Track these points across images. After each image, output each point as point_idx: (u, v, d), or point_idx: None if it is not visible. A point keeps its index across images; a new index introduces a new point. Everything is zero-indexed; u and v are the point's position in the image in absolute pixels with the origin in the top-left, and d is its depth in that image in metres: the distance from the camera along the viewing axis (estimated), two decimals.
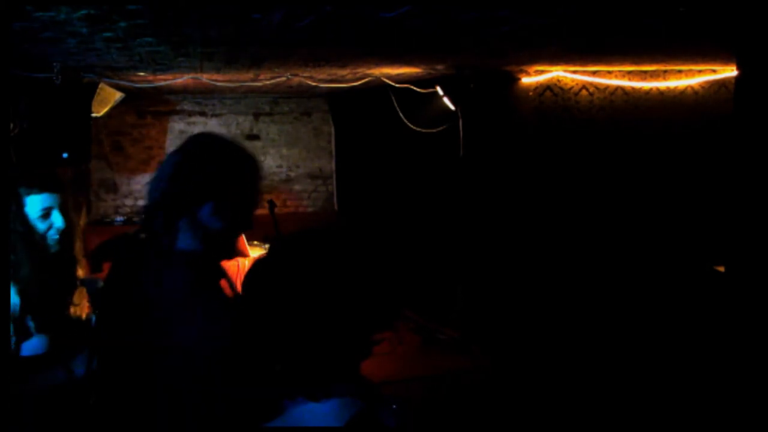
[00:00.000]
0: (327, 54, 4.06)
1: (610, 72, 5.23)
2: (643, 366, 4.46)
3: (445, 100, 5.25)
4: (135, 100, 7.17)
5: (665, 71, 5.35)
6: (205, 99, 7.96)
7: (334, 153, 8.49)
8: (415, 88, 5.50)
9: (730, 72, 5.26)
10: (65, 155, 4.67)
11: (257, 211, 1.91)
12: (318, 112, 8.41)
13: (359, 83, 5.50)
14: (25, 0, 2.34)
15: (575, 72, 5.11)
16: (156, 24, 2.92)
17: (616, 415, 3.95)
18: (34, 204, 2.07)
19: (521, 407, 4.05)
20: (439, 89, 5.23)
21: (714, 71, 5.42)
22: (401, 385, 3.90)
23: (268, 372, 1.20)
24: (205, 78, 5.23)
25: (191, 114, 8.04)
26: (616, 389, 4.18)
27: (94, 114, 4.97)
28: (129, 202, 7.90)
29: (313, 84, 5.65)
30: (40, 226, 2.10)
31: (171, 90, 6.63)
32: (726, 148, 3.86)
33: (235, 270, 2.58)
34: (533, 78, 5.04)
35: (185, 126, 8.03)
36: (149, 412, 1.84)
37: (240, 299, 1.41)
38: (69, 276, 2.26)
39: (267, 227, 3.24)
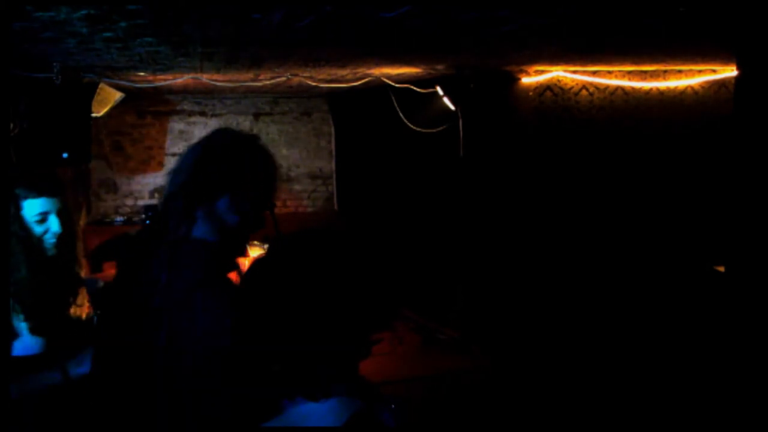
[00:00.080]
0: (327, 54, 4.06)
1: (610, 72, 5.23)
2: (643, 366, 4.46)
3: (445, 100, 5.25)
4: (135, 100, 7.17)
5: (665, 71, 5.35)
6: (205, 99, 7.96)
7: (334, 153, 8.49)
8: (415, 88, 5.50)
9: (730, 72, 5.26)
10: (65, 155, 4.67)
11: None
12: (318, 112, 8.41)
13: (359, 83, 5.50)
14: (25, 0, 2.34)
15: (575, 72, 5.11)
16: (156, 24, 2.92)
17: (616, 415, 3.95)
18: (30, 208, 2.05)
19: (521, 407, 4.05)
20: (439, 89, 5.23)
21: (714, 71, 5.42)
22: (401, 385, 3.89)
23: (266, 372, 1.20)
24: (205, 78, 5.23)
25: (191, 114, 8.04)
26: (616, 389, 4.18)
27: (94, 114, 4.97)
28: (129, 202, 7.90)
29: (313, 84, 5.65)
30: (36, 229, 2.07)
31: (171, 90, 6.63)
32: (726, 148, 3.86)
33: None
34: (533, 78, 5.04)
35: (185, 126, 8.03)
36: (149, 411, 1.84)
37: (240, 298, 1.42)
38: (69, 278, 2.24)
39: (267, 227, 3.26)
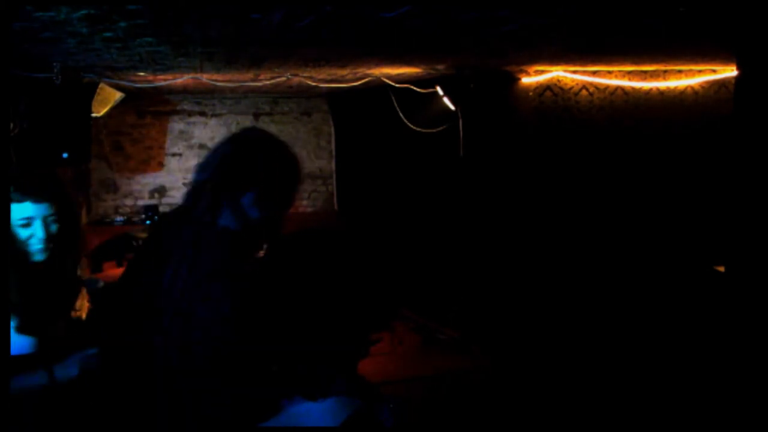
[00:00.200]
0: (327, 54, 4.05)
1: (610, 72, 5.23)
2: (643, 366, 4.46)
3: (445, 100, 5.25)
4: (135, 100, 7.17)
5: (665, 71, 5.35)
6: (205, 99, 7.95)
7: (334, 153, 8.49)
8: (415, 88, 5.50)
9: (730, 72, 5.26)
10: (65, 155, 4.68)
11: None
12: (318, 112, 8.41)
13: (359, 83, 5.50)
14: (25, 0, 2.34)
15: (575, 72, 5.11)
16: (156, 24, 2.92)
17: (616, 415, 3.95)
18: (15, 211, 1.97)
19: (521, 407, 4.05)
20: (439, 89, 5.23)
21: (714, 71, 5.42)
22: (401, 385, 3.89)
23: (265, 371, 1.20)
24: (205, 78, 5.23)
25: (191, 114, 8.04)
26: (616, 389, 4.18)
27: (94, 114, 4.97)
28: (129, 202, 7.90)
29: (313, 84, 5.64)
30: (20, 233, 1.99)
31: (171, 90, 6.63)
32: (726, 148, 3.86)
33: None
34: (533, 78, 5.04)
35: (185, 126, 8.03)
36: (149, 411, 1.84)
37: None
38: (65, 282, 2.16)
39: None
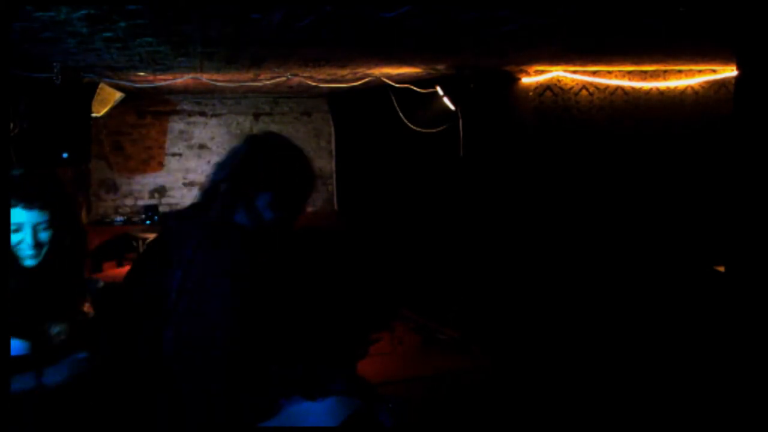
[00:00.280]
0: (327, 54, 4.05)
1: (610, 72, 5.23)
2: (643, 366, 4.46)
3: (445, 100, 5.25)
4: (135, 100, 7.17)
5: (665, 71, 5.35)
6: (205, 99, 7.95)
7: (334, 153, 8.49)
8: (415, 88, 5.50)
9: (730, 72, 5.26)
10: (65, 155, 4.68)
11: None
12: (318, 112, 8.41)
13: (359, 83, 5.50)
14: (25, 0, 2.34)
15: (575, 72, 5.11)
16: (156, 24, 2.92)
17: (616, 415, 3.95)
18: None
19: (521, 407, 4.05)
20: (439, 89, 5.23)
21: (714, 71, 5.42)
22: (401, 385, 3.90)
23: (264, 371, 1.20)
24: (205, 78, 5.23)
25: (191, 114, 8.04)
26: (616, 389, 4.18)
27: (94, 114, 4.97)
28: (129, 202, 7.89)
29: (313, 84, 5.64)
30: (11, 237, 1.95)
31: (171, 90, 6.63)
32: (726, 148, 3.86)
33: None
34: (533, 78, 5.04)
35: (185, 126, 8.03)
36: (149, 411, 1.84)
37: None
38: (62, 288, 2.10)
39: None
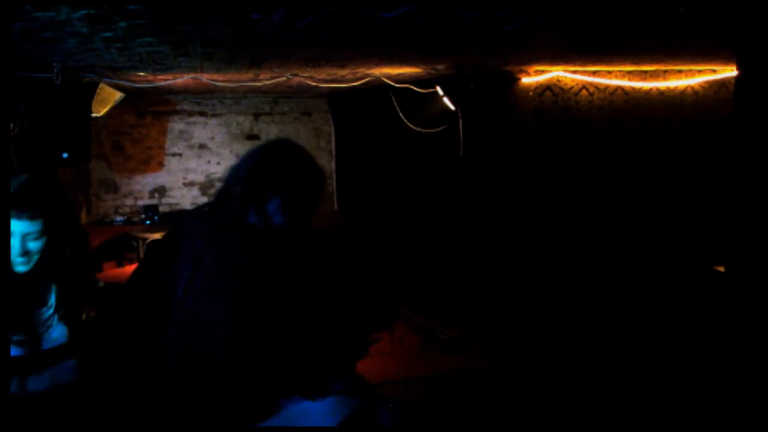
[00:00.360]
0: (327, 54, 4.05)
1: (610, 72, 5.23)
2: (644, 366, 4.46)
3: (445, 100, 5.25)
4: (135, 100, 7.17)
5: (665, 71, 5.35)
6: (205, 99, 7.95)
7: (334, 153, 8.49)
8: (415, 88, 5.50)
9: (730, 72, 5.26)
10: (65, 155, 4.68)
11: None
12: (318, 112, 8.40)
13: (359, 83, 5.50)
14: (25, 0, 2.34)
15: (575, 72, 5.11)
16: (156, 24, 2.92)
17: (616, 415, 3.95)
18: None
19: (521, 407, 4.05)
20: (439, 89, 5.23)
21: (714, 71, 5.42)
22: (401, 385, 3.88)
23: (264, 371, 1.20)
24: (205, 78, 5.23)
25: (191, 114, 8.04)
26: (616, 389, 4.18)
27: (94, 114, 4.97)
28: (129, 202, 7.89)
29: (313, 84, 5.64)
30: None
31: (171, 90, 6.63)
32: (726, 148, 3.86)
33: None
34: (533, 78, 5.04)
35: (185, 126, 8.03)
36: (149, 410, 1.84)
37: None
38: (61, 291, 2.09)
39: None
